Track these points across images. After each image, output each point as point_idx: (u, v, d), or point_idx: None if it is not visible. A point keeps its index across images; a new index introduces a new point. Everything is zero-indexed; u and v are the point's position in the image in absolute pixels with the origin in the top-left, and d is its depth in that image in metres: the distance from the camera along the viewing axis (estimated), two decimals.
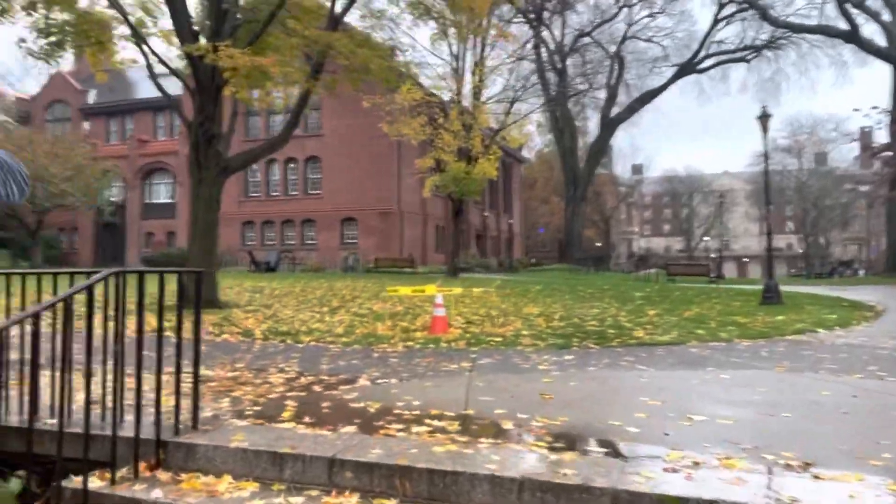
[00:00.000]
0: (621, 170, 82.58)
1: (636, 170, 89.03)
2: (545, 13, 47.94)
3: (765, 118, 16.42)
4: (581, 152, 57.84)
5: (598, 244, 71.75)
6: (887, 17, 39.54)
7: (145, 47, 13.06)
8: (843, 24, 41.62)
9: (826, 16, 43.51)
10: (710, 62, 51.43)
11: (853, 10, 40.44)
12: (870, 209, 63.29)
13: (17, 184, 2.81)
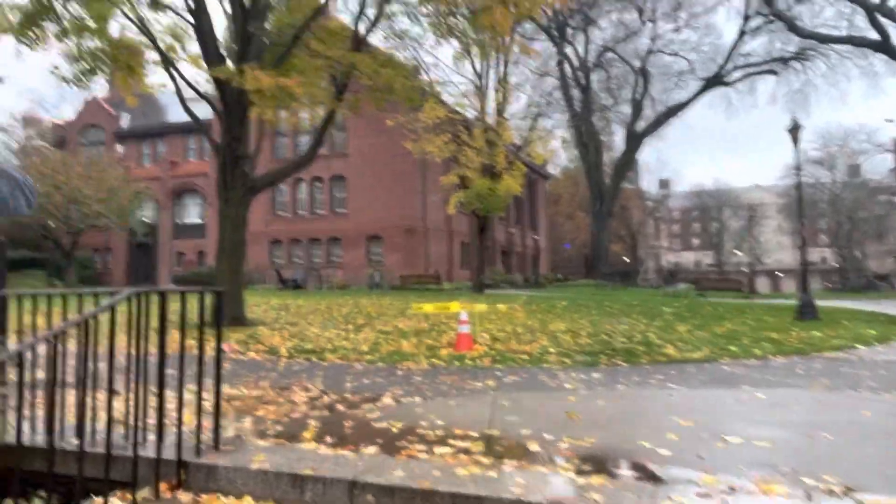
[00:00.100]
0: (648, 184, 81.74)
1: (663, 184, 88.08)
2: (568, 29, 47.93)
3: (795, 130, 16.09)
4: (607, 167, 57.39)
5: (626, 259, 70.89)
6: None
7: (174, 71, 13.35)
8: (873, 34, 40.84)
9: (855, 26, 42.69)
10: (737, 75, 50.73)
11: (883, 20, 39.66)
12: None
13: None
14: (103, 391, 3.61)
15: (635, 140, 54.17)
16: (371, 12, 14.81)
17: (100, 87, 28.60)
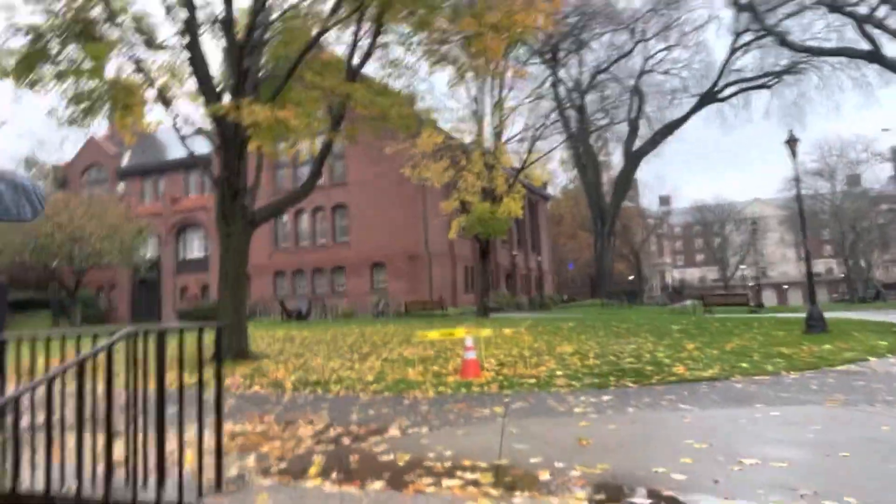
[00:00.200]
0: (648, 202, 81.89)
1: (663, 201, 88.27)
2: (560, 53, 48.43)
3: (792, 143, 16.08)
4: (606, 186, 57.58)
5: (630, 277, 70.71)
6: None
7: (171, 108, 13.44)
8: (864, 45, 41.18)
9: (846, 38, 43.07)
10: (730, 90, 51.10)
11: (874, 31, 40.02)
12: None
13: (31, 203, 2.87)
14: (104, 433, 3.52)
15: (633, 159, 54.39)
16: (365, 43, 14.95)
17: (100, 126, 28.91)
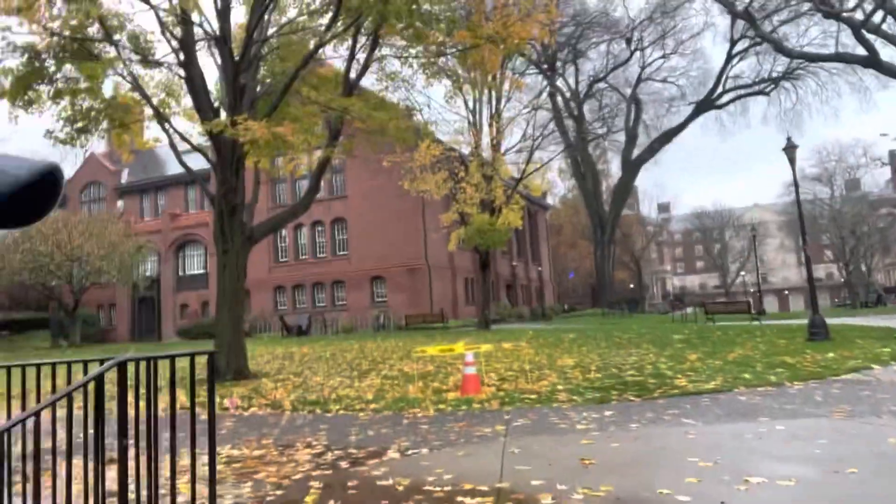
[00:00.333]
0: (648, 209, 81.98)
1: (663, 208, 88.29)
2: (558, 63, 48.61)
3: (791, 149, 16.05)
4: (605, 195, 57.62)
5: (631, 286, 70.57)
6: None
7: (168, 126, 13.43)
8: (861, 50, 41.30)
9: (842, 44, 43.15)
10: (727, 97, 51.30)
11: (870, 36, 40.14)
12: None
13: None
14: (97, 463, 3.43)
15: (632, 167, 54.46)
16: (362, 57, 14.97)
17: (99, 143, 28.94)
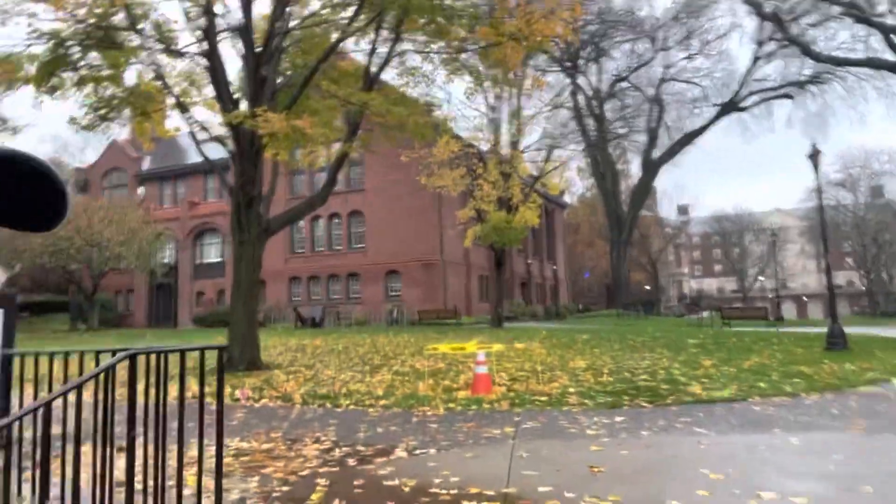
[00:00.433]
0: (666, 211, 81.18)
1: (682, 210, 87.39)
2: (580, 61, 48.23)
3: (815, 155, 15.77)
4: (624, 195, 57.15)
5: (647, 287, 70.02)
6: None
7: (189, 115, 13.51)
8: (890, 56, 40.54)
9: (872, 48, 42.42)
10: (752, 100, 50.58)
11: None
12: None
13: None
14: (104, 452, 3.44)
15: (652, 168, 53.95)
16: (383, 51, 14.93)
17: (122, 130, 29.23)
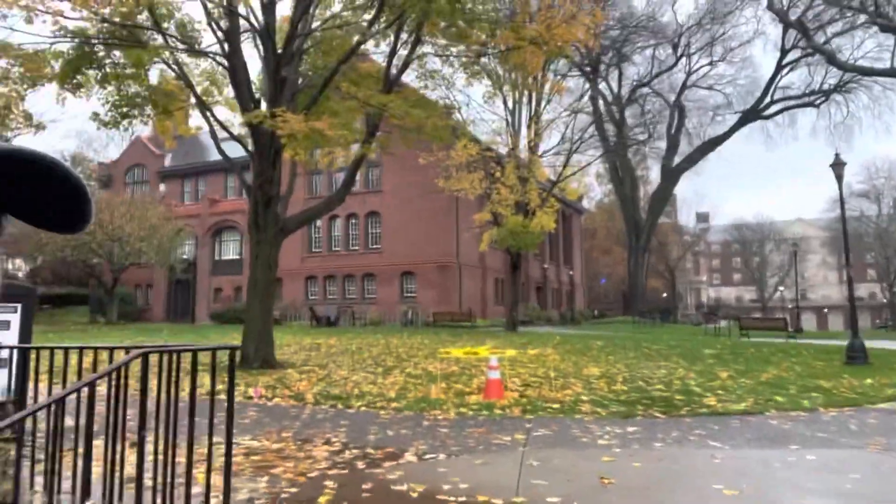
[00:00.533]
0: (685, 218, 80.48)
1: (701, 218, 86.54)
2: (601, 66, 47.94)
3: (838, 166, 15.51)
4: (643, 201, 56.73)
5: (664, 295, 69.40)
6: None
7: (209, 114, 13.62)
8: None
9: None
10: (775, 108, 49.91)
11: None
12: None
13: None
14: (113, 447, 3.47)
15: (672, 174, 53.49)
16: (403, 53, 14.96)
17: (145, 127, 29.59)
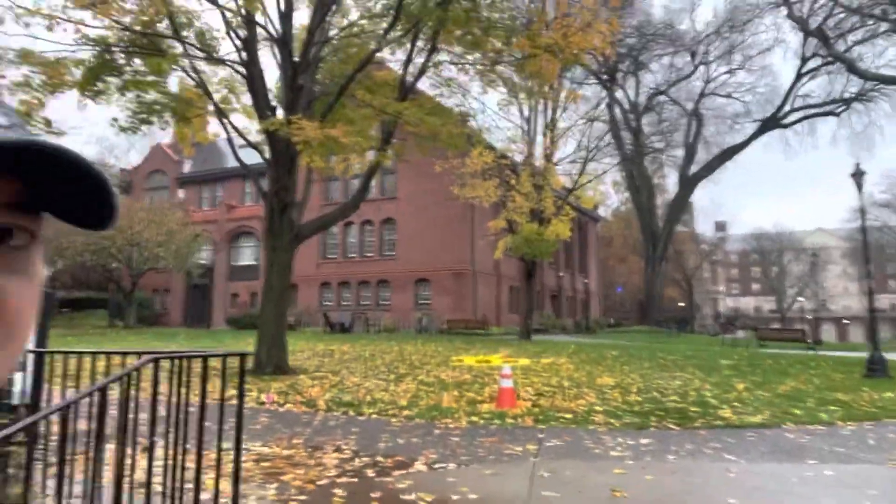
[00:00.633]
0: (703, 227, 79.81)
1: (719, 226, 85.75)
2: (618, 74, 47.79)
3: (859, 175, 15.30)
4: (659, 210, 56.34)
5: (681, 304, 68.74)
6: None
7: (227, 121, 13.76)
8: None
9: None
10: (795, 116, 49.39)
11: None
12: None
13: None
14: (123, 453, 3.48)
15: (689, 183, 53.10)
16: (418, 60, 15.02)
17: (165, 134, 29.99)
